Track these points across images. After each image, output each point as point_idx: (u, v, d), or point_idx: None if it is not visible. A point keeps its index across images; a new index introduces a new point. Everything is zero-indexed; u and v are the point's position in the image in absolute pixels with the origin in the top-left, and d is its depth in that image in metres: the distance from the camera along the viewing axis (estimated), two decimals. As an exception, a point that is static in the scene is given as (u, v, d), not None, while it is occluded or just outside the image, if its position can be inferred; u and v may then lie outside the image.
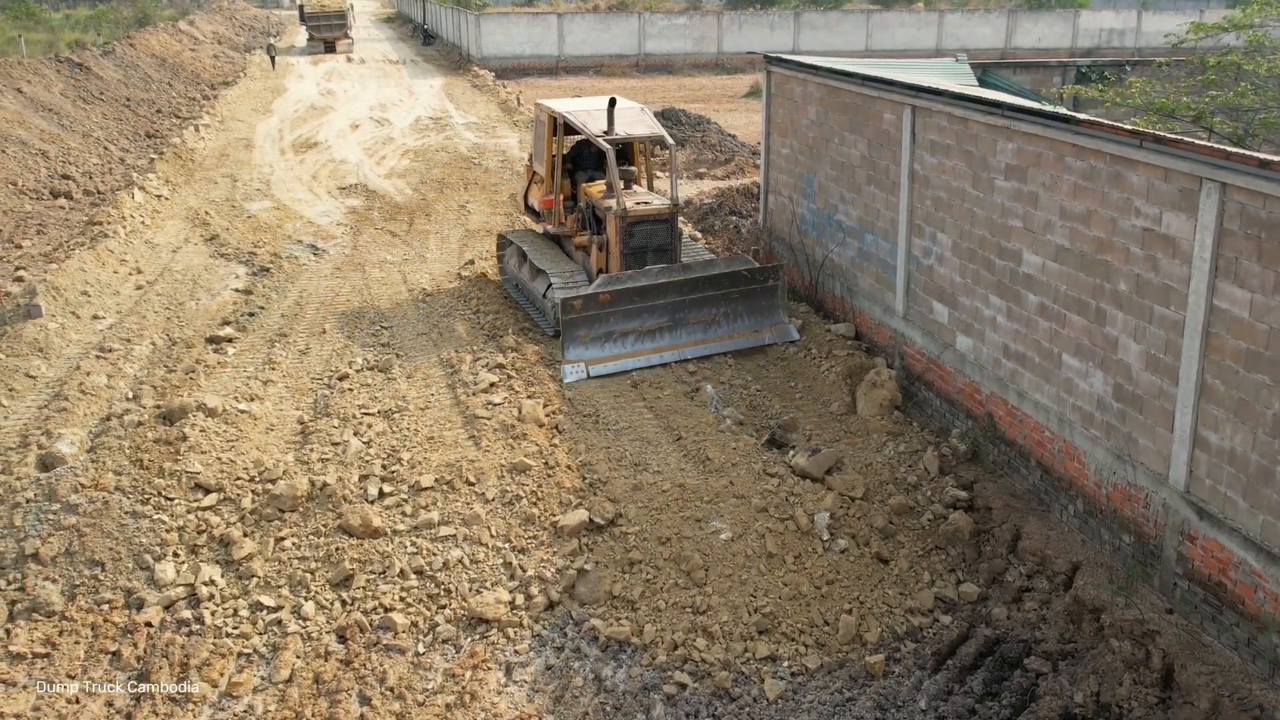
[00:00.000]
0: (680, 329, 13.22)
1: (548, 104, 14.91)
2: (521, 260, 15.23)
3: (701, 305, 13.26)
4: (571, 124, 14.02)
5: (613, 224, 13.47)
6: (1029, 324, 9.97)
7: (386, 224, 20.32)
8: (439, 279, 16.59)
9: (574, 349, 12.75)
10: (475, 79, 44.97)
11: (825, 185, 13.99)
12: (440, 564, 9.34)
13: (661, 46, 51.25)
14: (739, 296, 13.45)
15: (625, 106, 14.35)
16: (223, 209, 21.46)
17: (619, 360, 12.86)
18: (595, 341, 12.83)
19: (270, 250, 18.18)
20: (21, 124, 26.04)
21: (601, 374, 12.67)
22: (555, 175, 14.75)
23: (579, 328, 12.70)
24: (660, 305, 13.01)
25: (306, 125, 33.06)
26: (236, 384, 12.42)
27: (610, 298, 12.71)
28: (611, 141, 13.57)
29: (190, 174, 25.21)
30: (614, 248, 13.53)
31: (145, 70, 41.20)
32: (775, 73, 15.41)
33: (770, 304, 13.66)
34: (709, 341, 13.35)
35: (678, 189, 14.15)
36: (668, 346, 13.13)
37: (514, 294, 15.55)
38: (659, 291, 12.94)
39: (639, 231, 13.53)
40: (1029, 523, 9.73)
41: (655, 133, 14.11)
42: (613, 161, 13.44)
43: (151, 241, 18.83)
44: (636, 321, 12.97)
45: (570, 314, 12.61)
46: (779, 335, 13.65)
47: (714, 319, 13.39)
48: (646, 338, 13.05)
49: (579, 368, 12.65)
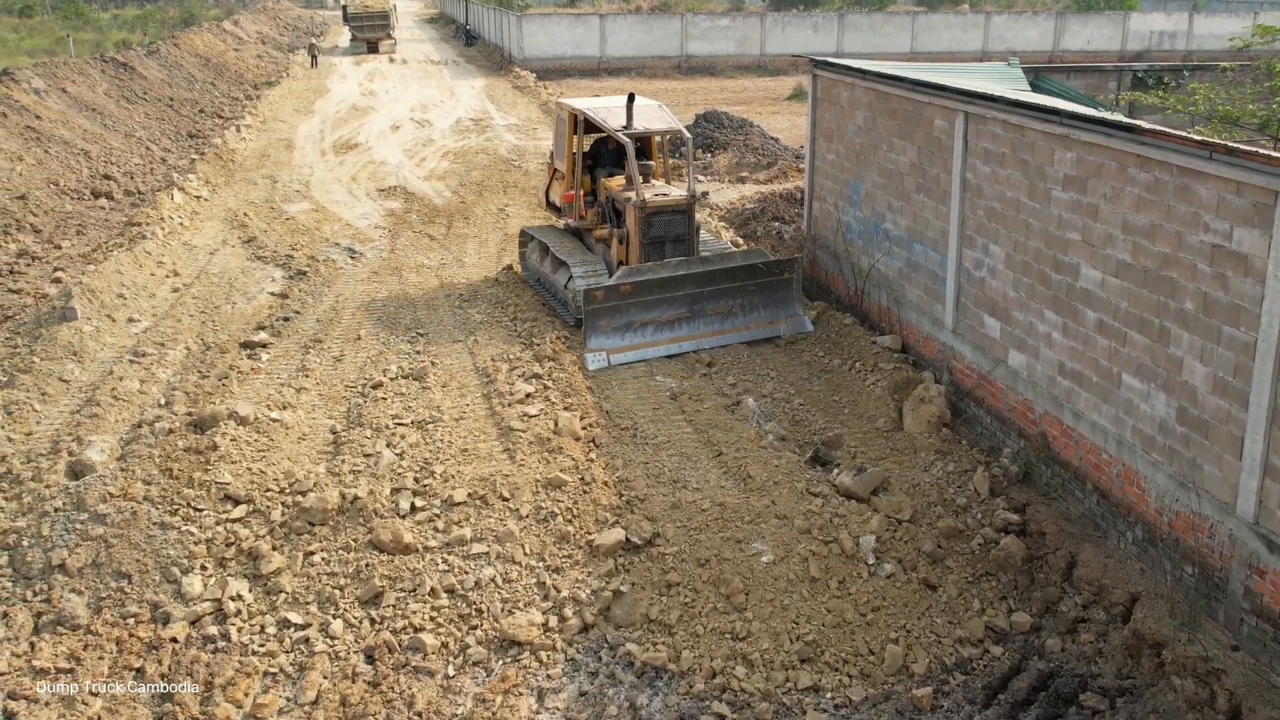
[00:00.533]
0: (698, 320, 13.67)
1: (569, 102, 15.55)
2: (543, 254, 15.65)
3: (719, 297, 13.72)
4: (592, 120, 14.52)
5: (632, 215, 13.89)
6: (1087, 341, 9.55)
7: (425, 227, 20.13)
8: (476, 284, 16.36)
9: (596, 338, 13.20)
10: (516, 80, 44.83)
11: (872, 193, 13.60)
12: (472, 583, 9.07)
13: (704, 48, 50.88)
14: (755, 289, 13.89)
15: (643, 103, 14.83)
16: (261, 210, 21.37)
17: (640, 349, 13.32)
18: (616, 331, 13.28)
19: (307, 253, 18.03)
20: (65, 124, 26.14)
21: (622, 362, 13.10)
22: (575, 171, 15.19)
23: (601, 317, 13.15)
24: (679, 296, 13.50)
25: (347, 126, 33.03)
26: (269, 391, 12.23)
27: (631, 289, 13.17)
28: (630, 136, 14.03)
29: (230, 175, 25.18)
30: (633, 238, 13.95)
31: (189, 70, 41.41)
32: (821, 76, 15.03)
33: (786, 296, 14.12)
34: (726, 332, 13.77)
35: (695, 181, 14.57)
36: (686, 336, 13.55)
37: (536, 287, 15.96)
38: (678, 283, 13.41)
39: (657, 222, 13.95)
40: (1085, 549, 9.30)
41: (672, 127, 14.63)
42: (632, 155, 13.91)
43: (189, 243, 18.75)
44: (656, 312, 13.42)
45: (593, 304, 13.05)
46: (794, 327, 14.06)
47: (731, 310, 13.84)
48: (666, 328, 13.51)
49: (601, 356, 13.08)
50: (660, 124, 14.62)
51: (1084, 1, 64.26)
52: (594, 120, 14.44)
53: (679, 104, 40.71)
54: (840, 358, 13.15)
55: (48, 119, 25.65)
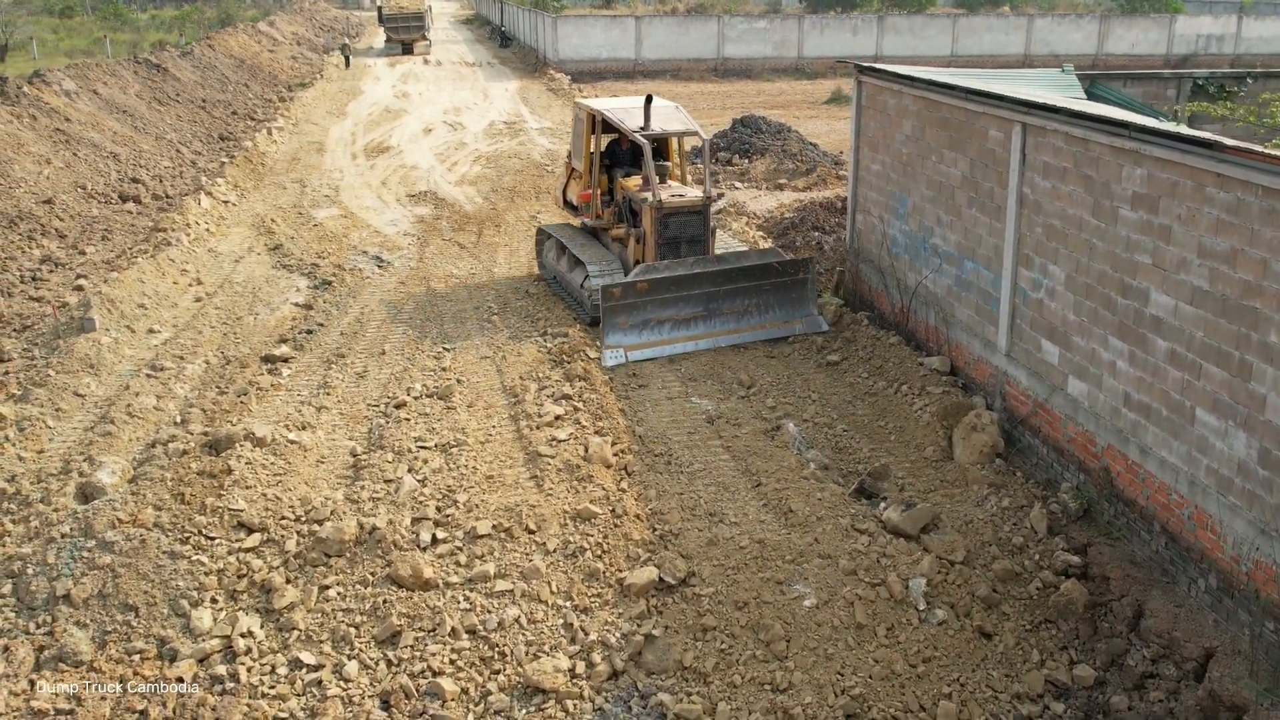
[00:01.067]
0: (714, 318, 13.82)
1: (586, 102, 15.80)
2: (560, 252, 15.81)
3: (734, 295, 13.86)
4: (610, 121, 14.68)
5: (648, 215, 14.02)
6: (1156, 372, 8.88)
7: (455, 235, 19.65)
8: (506, 296, 15.84)
9: (613, 335, 13.33)
10: (551, 82, 44.39)
11: (920, 206, 12.96)
12: (495, 623, 8.53)
13: (740, 50, 50.23)
14: (771, 288, 14.05)
15: (661, 104, 15.01)
16: (289, 216, 20.98)
17: (656, 347, 13.46)
18: (633, 328, 13.43)
19: (334, 261, 17.59)
20: (95, 126, 25.91)
21: (639, 359, 13.22)
22: (593, 170, 15.36)
23: (618, 315, 13.29)
24: (695, 295, 13.63)
25: (379, 129, 32.67)
26: (289, 410, 11.76)
27: (648, 286, 13.33)
28: (647, 137, 14.15)
29: (260, 179, 24.84)
30: (650, 238, 14.10)
31: (222, 71, 41.26)
32: (867, 83, 14.40)
33: (801, 295, 14.29)
34: (741, 331, 13.93)
35: (711, 182, 14.74)
36: (702, 334, 13.70)
37: (552, 285, 16.14)
38: (694, 281, 13.57)
39: (673, 223, 14.10)
40: (1153, 597, 8.63)
41: (689, 128, 14.77)
42: (649, 155, 14.04)
43: (215, 250, 18.37)
44: (672, 310, 13.58)
45: (610, 301, 13.20)
46: (809, 326, 14.20)
47: (746, 309, 13.98)
48: (682, 325, 13.66)
49: (618, 353, 13.21)
50: (677, 125, 14.73)
51: (1128, 4, 63.01)
52: (611, 121, 14.60)
53: (715, 107, 40.13)
54: (885, 379, 12.52)
55: (78, 121, 25.42)
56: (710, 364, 13.25)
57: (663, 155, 15.69)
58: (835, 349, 13.58)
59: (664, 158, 15.66)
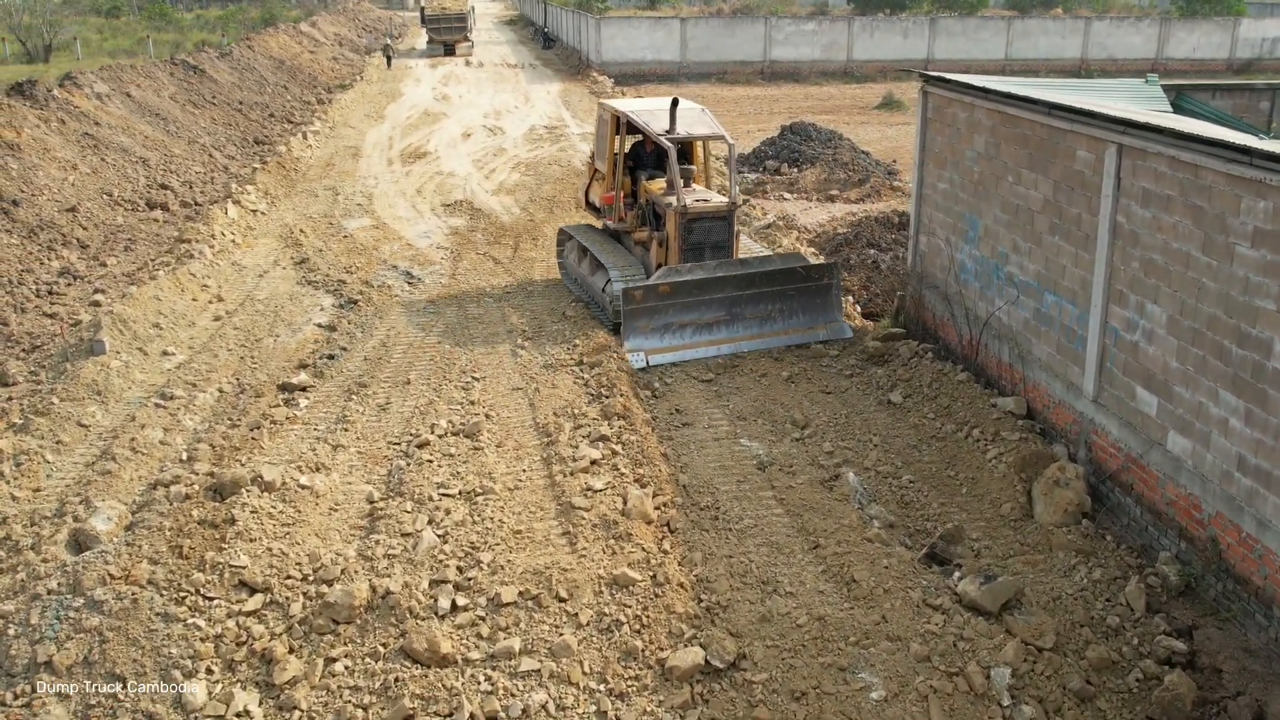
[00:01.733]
0: (737, 323, 13.62)
1: (610, 103, 15.50)
2: (582, 255, 15.59)
3: (757, 300, 13.68)
4: (634, 123, 14.44)
5: (672, 220, 13.82)
6: (1279, 435, 7.73)
7: (490, 248, 18.72)
8: (542, 318, 14.87)
9: (634, 338, 13.18)
10: (594, 85, 43.46)
11: (993, 230, 11.84)
12: (519, 709, 7.52)
13: (788, 53, 49.04)
14: (795, 293, 13.85)
15: (687, 107, 14.68)
16: (319, 226, 20.15)
17: (678, 351, 13.27)
18: (655, 332, 13.28)
19: (362, 277, 16.71)
20: (126, 130, 25.26)
21: (660, 363, 13.04)
22: (616, 172, 15.06)
23: (639, 318, 13.16)
24: (717, 299, 13.44)
25: (417, 133, 31.88)
26: (303, 447, 10.84)
27: (670, 289, 13.19)
28: (673, 140, 13.92)
29: (291, 185, 24.07)
30: (673, 243, 13.90)
31: (261, 72, 40.69)
32: (934, 94, 13.29)
33: (825, 302, 14.08)
34: (765, 336, 13.69)
35: (736, 187, 14.47)
36: (724, 339, 13.51)
37: (572, 288, 15.96)
38: (716, 285, 13.38)
39: (698, 228, 13.92)
40: (1274, 697, 7.49)
41: (715, 132, 14.47)
42: (674, 159, 13.82)
43: (239, 263, 17.55)
44: (695, 314, 13.39)
45: (631, 304, 13.06)
46: (833, 333, 14.00)
47: (769, 314, 13.79)
48: (704, 330, 13.46)
49: (639, 356, 13.05)
50: (703, 129, 14.52)
51: (1188, 6, 61.07)
52: (636, 123, 14.38)
53: (762, 112, 39.01)
54: (953, 421, 11.40)
55: (108, 125, 24.77)
56: (760, 399, 12.19)
57: (687, 159, 15.49)
58: (898, 384, 12.47)
59: (689, 161, 15.44)
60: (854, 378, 12.83)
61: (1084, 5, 77.76)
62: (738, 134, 33.75)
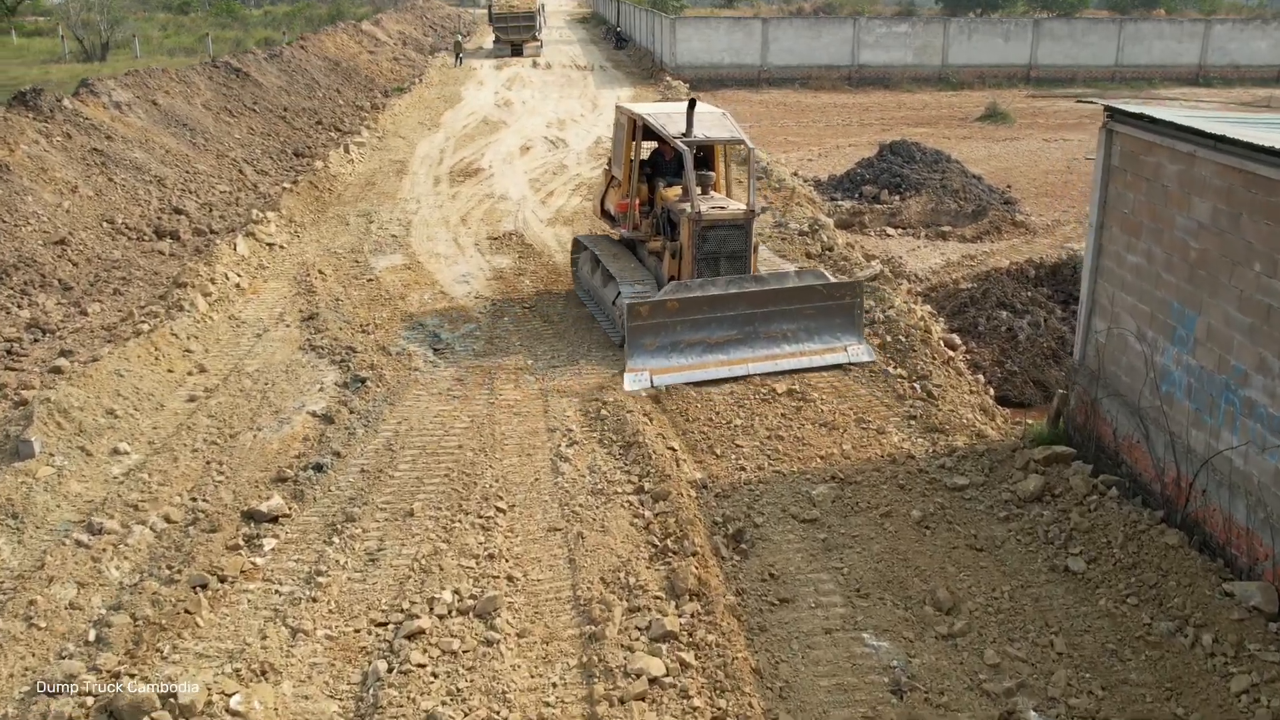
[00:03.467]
0: (751, 342, 12.86)
1: (627, 106, 14.85)
2: (594, 266, 14.93)
3: (772, 319, 12.96)
4: (651, 126, 13.76)
5: (686, 228, 13.21)
6: None
7: (539, 300, 15.61)
8: (596, 411, 11.68)
9: (639, 356, 12.49)
10: (667, 90, 40.24)
11: (1223, 335, 8.44)
12: None
13: (878, 57, 45.39)
14: (813, 313, 13.10)
15: (705, 110, 14.00)
16: (342, 265, 17.22)
17: (686, 371, 12.49)
18: (661, 350, 12.57)
19: (379, 340, 13.70)
20: (143, 143, 22.62)
21: (667, 384, 12.28)
22: (631, 179, 14.44)
23: (645, 335, 12.50)
24: (730, 317, 12.77)
25: (472, 145, 28.95)
26: (250, 630, 7.80)
27: (678, 305, 12.57)
28: (689, 144, 13.21)
29: (322, 210, 21.21)
30: (687, 253, 13.29)
31: (313, 75, 38.13)
32: (1122, 134, 9.87)
33: (846, 322, 13.25)
34: (780, 357, 12.86)
35: (754, 194, 13.59)
36: (737, 360, 12.69)
37: (585, 301, 15.17)
38: (728, 302, 12.73)
39: (712, 237, 13.27)
40: None
41: (735, 136, 13.74)
42: (689, 164, 13.12)
43: (237, 317, 14.65)
44: (705, 332, 12.71)
45: (636, 320, 12.43)
46: (854, 356, 13.06)
47: (785, 334, 13.02)
48: (715, 349, 12.71)
49: (643, 375, 12.33)
50: (722, 133, 13.73)
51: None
52: (652, 126, 13.70)
53: (851, 123, 35.53)
54: (1167, 613, 7.98)
55: (122, 138, 22.14)
56: (885, 557, 8.88)
57: (708, 164, 14.69)
58: (1074, 538, 9.08)
59: (709, 167, 14.65)
60: (1010, 522, 9.46)
61: (1189, 6, 73.15)
62: (826, 149, 30.37)
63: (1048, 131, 33.97)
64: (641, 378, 12.25)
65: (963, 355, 13.81)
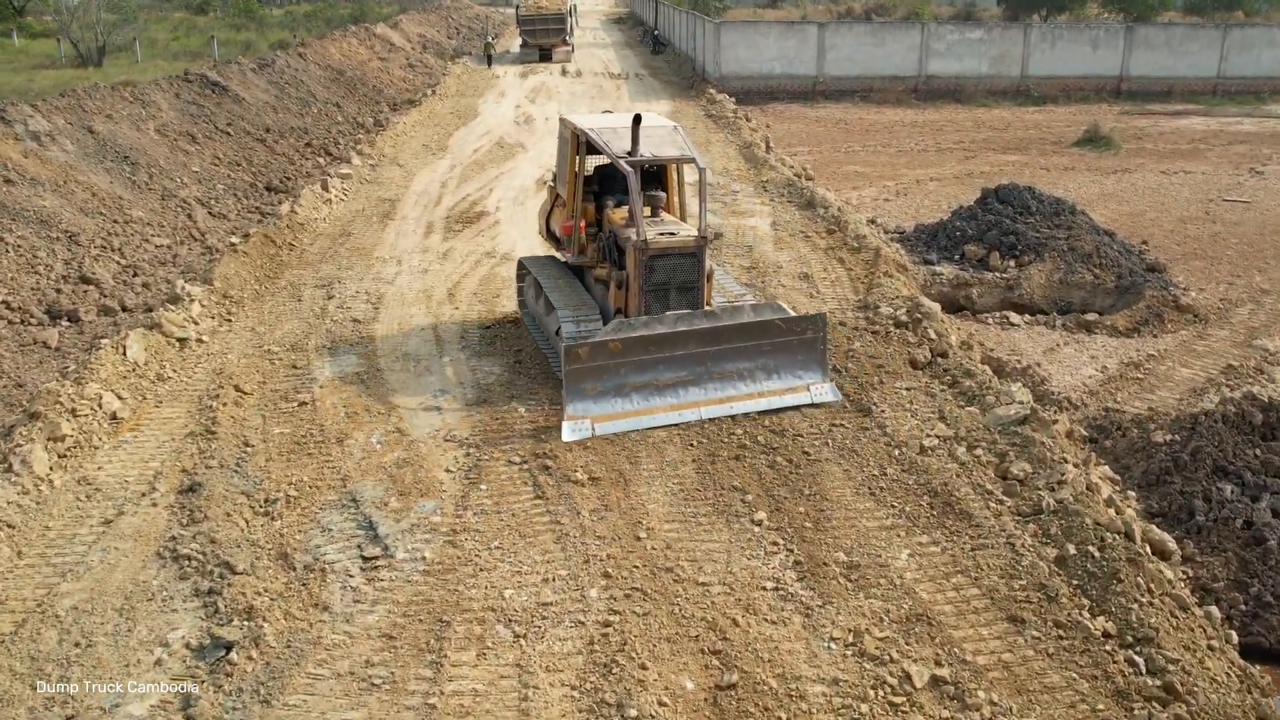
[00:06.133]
0: (703, 383, 11.61)
1: (570, 118, 13.53)
2: (538, 293, 13.62)
3: (726, 358, 11.70)
4: (593, 142, 12.31)
5: (632, 256, 11.95)
6: None
7: (535, 439, 10.82)
8: (616, 698, 6.92)
9: (578, 403, 11.17)
10: (710, 105, 35.38)
11: None
12: None
13: (948, 67, 40.26)
14: (771, 349, 11.82)
15: (653, 123, 12.76)
16: (273, 376, 12.52)
17: (630, 418, 11.22)
18: (604, 395, 11.29)
19: (279, 540, 8.95)
20: (59, 186, 18.03)
21: (609, 432, 10.99)
22: (576, 198, 13.10)
23: (584, 379, 11.21)
24: (679, 356, 11.52)
25: (480, 177, 24.22)
26: None
27: (620, 346, 11.27)
28: (633, 163, 11.80)
29: (273, 276, 16.52)
30: (633, 283, 12.03)
31: (310, 87, 33.59)
32: None
33: (808, 359, 11.94)
34: (736, 399, 11.60)
35: (706, 217, 12.06)
36: (687, 404, 11.46)
37: (532, 331, 14.01)
38: (677, 341, 11.48)
39: (660, 266, 11.99)
40: None
41: (685, 154, 12.34)
42: (634, 186, 11.77)
43: (90, 482, 9.97)
44: (652, 374, 11.47)
45: (575, 364, 11.13)
46: (816, 396, 11.80)
47: (741, 373, 11.76)
48: (664, 392, 11.48)
49: (583, 425, 11.05)
50: (671, 150, 12.39)
51: None
52: (595, 142, 12.28)
53: (927, 148, 30.40)
54: None
55: (30, 180, 17.56)
56: None
57: (660, 183, 13.49)
58: None
59: (661, 186, 13.45)
60: None
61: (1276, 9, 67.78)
62: (903, 184, 25.36)
63: (1162, 160, 28.78)
64: (582, 426, 11.04)
65: (1181, 573, 8.88)
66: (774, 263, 17.05)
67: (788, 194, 21.94)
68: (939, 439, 10.84)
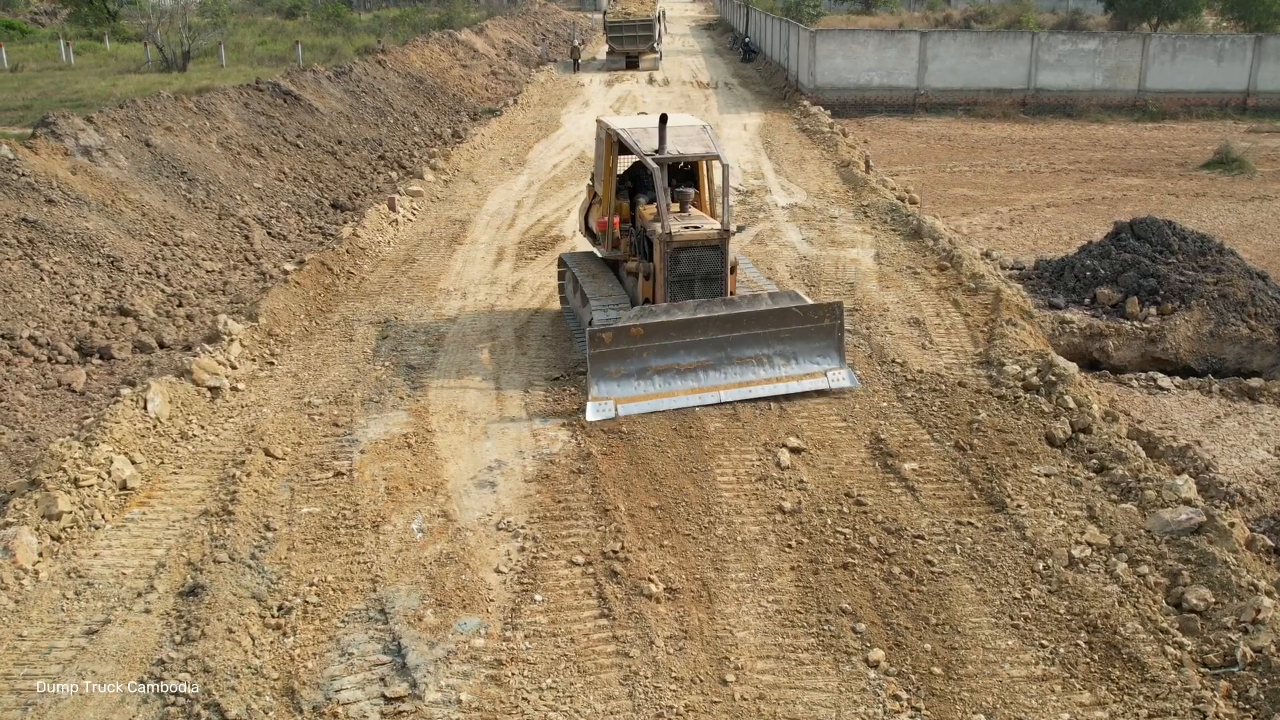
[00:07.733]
0: (723, 368, 12.08)
1: (606, 120, 14.01)
2: (575, 286, 14.20)
3: (746, 344, 12.18)
4: (624, 141, 12.94)
5: (658, 248, 12.46)
6: None
7: (605, 529, 9.11)
8: None
9: (602, 384, 11.64)
10: (804, 118, 33.45)
11: None
12: None
13: (1059, 79, 37.73)
14: (789, 336, 12.29)
15: (680, 123, 13.39)
16: (310, 436, 11.00)
17: (652, 400, 11.67)
18: (627, 378, 11.75)
19: (288, 665, 7.38)
20: (106, 206, 16.84)
21: (631, 413, 11.37)
22: (610, 195, 13.63)
23: (608, 362, 11.72)
24: (700, 342, 12.00)
25: (559, 195, 22.68)
26: None
27: (643, 331, 11.75)
28: (660, 160, 12.44)
29: (326, 309, 15.10)
30: (659, 274, 12.52)
31: (387, 96, 32.40)
32: None
33: (826, 346, 12.37)
34: (754, 384, 12.02)
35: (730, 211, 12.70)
36: (708, 387, 11.88)
37: (571, 325, 14.25)
38: (698, 327, 11.95)
39: (685, 258, 12.51)
40: None
41: (710, 152, 12.99)
42: (660, 181, 12.32)
43: (81, 574, 8.52)
44: (673, 358, 11.95)
45: (599, 347, 11.64)
46: (834, 381, 12.19)
47: (760, 359, 12.22)
48: (685, 376, 11.92)
49: (607, 405, 11.46)
50: (697, 148, 12.93)
51: None
52: (626, 142, 12.87)
53: (1041, 168, 28.08)
54: None
55: (75, 200, 16.37)
56: None
57: (691, 180, 13.90)
58: None
59: (692, 182, 13.85)
60: None
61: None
62: (1018, 210, 23.19)
63: (1303, 186, 26.17)
64: (605, 407, 11.45)
65: None
66: (879, 304, 15.15)
67: (891, 221, 20.00)
68: (1091, 547, 8.90)
